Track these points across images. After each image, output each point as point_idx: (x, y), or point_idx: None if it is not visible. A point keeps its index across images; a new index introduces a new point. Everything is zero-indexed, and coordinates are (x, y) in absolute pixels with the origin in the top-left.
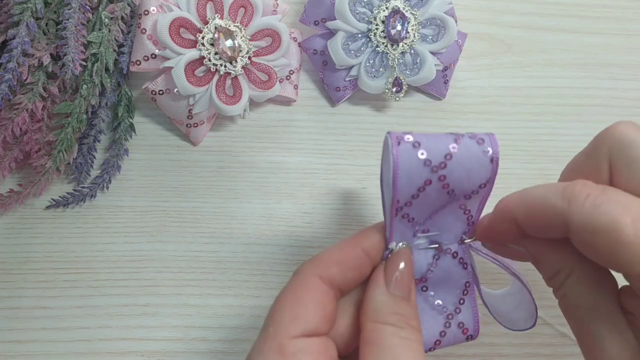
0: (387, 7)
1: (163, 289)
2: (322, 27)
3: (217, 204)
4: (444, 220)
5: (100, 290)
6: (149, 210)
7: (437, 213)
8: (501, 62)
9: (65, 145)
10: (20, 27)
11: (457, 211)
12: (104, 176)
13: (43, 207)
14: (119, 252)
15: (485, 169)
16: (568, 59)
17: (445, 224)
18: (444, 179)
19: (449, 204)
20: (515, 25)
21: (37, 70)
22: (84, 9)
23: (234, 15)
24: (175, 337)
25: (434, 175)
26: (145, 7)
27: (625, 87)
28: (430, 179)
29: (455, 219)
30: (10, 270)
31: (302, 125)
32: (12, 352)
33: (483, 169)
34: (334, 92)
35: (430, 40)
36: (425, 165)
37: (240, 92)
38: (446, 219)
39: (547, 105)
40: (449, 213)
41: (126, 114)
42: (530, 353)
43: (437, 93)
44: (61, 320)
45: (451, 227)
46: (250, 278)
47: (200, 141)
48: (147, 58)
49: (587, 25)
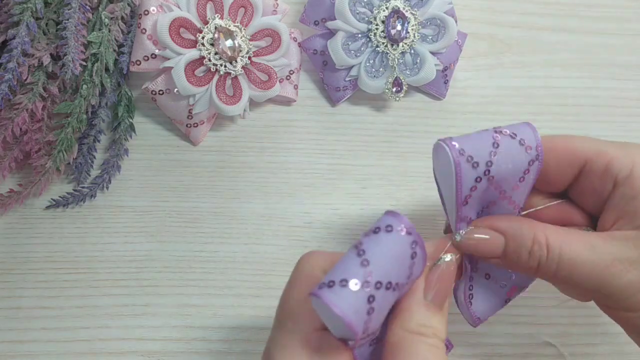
0: (387, 7)
1: (163, 289)
2: (322, 27)
3: (217, 204)
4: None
5: (100, 290)
6: (149, 210)
7: (488, 208)
8: (501, 62)
9: (65, 145)
10: (20, 27)
11: (504, 205)
12: (104, 176)
13: (43, 207)
14: (119, 252)
15: (524, 158)
16: (568, 59)
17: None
18: (489, 174)
19: (499, 199)
20: (515, 25)
21: (37, 70)
22: (84, 9)
23: (234, 15)
24: (175, 337)
25: (482, 174)
26: (145, 7)
27: (626, 87)
28: (479, 176)
29: (505, 211)
30: (10, 270)
31: (302, 125)
32: (12, 352)
33: (523, 158)
34: (334, 92)
35: (430, 40)
36: (474, 168)
37: (240, 92)
38: (497, 212)
39: (547, 105)
40: (498, 208)
41: (126, 114)
42: (530, 353)
43: (437, 93)
44: (61, 320)
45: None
46: (250, 278)
47: (200, 141)
48: (147, 58)
49: (587, 25)
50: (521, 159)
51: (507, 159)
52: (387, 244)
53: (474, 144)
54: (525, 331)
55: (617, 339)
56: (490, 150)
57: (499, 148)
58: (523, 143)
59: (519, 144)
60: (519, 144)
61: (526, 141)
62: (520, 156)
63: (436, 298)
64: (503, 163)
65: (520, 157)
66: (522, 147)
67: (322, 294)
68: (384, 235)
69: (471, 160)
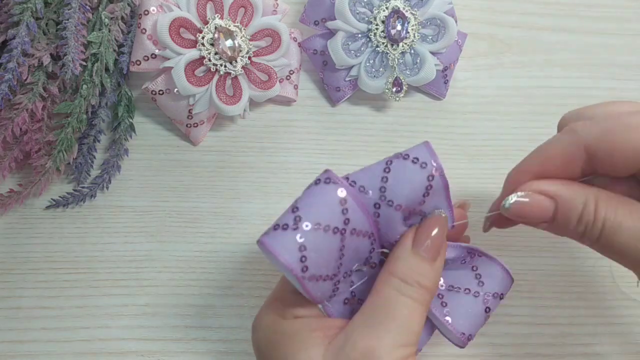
0: (387, 7)
1: (163, 289)
2: (322, 27)
3: (217, 204)
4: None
5: (100, 290)
6: (149, 210)
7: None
8: (501, 62)
9: (65, 145)
10: (20, 27)
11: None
12: (104, 176)
13: (43, 207)
14: (119, 252)
15: (422, 175)
16: (568, 59)
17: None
18: (386, 199)
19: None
20: (515, 25)
21: (37, 70)
22: (84, 9)
23: (234, 15)
24: (175, 337)
25: (378, 200)
26: (145, 7)
27: (625, 87)
28: (376, 202)
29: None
30: (10, 270)
31: (302, 125)
32: (12, 352)
33: (421, 175)
34: (334, 92)
35: (430, 40)
36: (367, 195)
37: (240, 92)
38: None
39: (547, 105)
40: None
41: (126, 114)
42: (530, 353)
43: (437, 93)
44: (61, 320)
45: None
46: (250, 278)
47: (200, 141)
48: (147, 58)
49: (587, 25)
50: (418, 176)
51: (402, 180)
52: (313, 193)
53: (365, 174)
54: (525, 331)
55: (617, 338)
56: (381, 176)
57: (391, 172)
58: (416, 161)
59: (412, 163)
60: (412, 163)
61: (420, 159)
62: (416, 174)
63: (425, 251)
64: (398, 185)
65: (416, 175)
66: (415, 165)
67: (261, 239)
68: (312, 187)
69: (363, 190)
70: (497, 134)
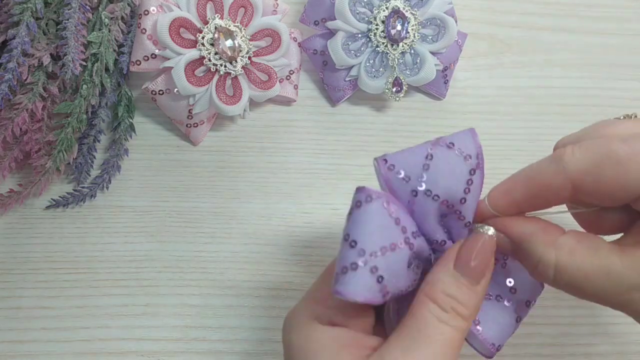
0: (387, 7)
1: (163, 289)
2: (322, 27)
3: (217, 204)
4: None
5: (100, 290)
6: (149, 210)
7: (443, 223)
8: (501, 62)
9: (65, 145)
10: (20, 27)
11: (454, 220)
12: (104, 176)
13: (43, 207)
14: (119, 252)
15: (464, 168)
16: (568, 59)
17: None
18: (424, 187)
19: (448, 213)
20: (515, 25)
21: (37, 70)
22: (84, 9)
23: (234, 15)
24: (175, 337)
25: (416, 188)
26: (145, 7)
27: (626, 87)
28: (414, 190)
29: (456, 227)
30: (10, 270)
31: (302, 125)
32: (12, 352)
33: (463, 168)
34: (334, 92)
35: (430, 40)
36: (405, 182)
37: (240, 92)
38: (451, 227)
39: (547, 105)
40: (449, 222)
41: (126, 114)
42: (530, 353)
43: (437, 93)
44: (61, 320)
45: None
46: (250, 278)
47: (200, 141)
48: (147, 58)
49: (587, 25)
50: (461, 169)
51: (444, 171)
52: (361, 219)
53: (406, 158)
54: (525, 331)
55: (617, 338)
56: (422, 163)
57: (433, 160)
58: (461, 152)
59: (457, 154)
60: (456, 154)
61: (464, 150)
62: (459, 167)
63: (466, 274)
64: (440, 175)
65: (460, 167)
66: (460, 157)
67: (337, 289)
68: (357, 212)
69: (401, 175)
70: (497, 134)
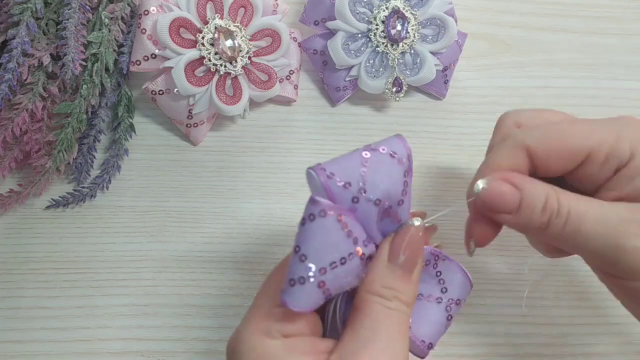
0: (387, 7)
1: (163, 289)
2: (322, 27)
3: (217, 204)
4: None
5: (100, 290)
6: (149, 210)
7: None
8: (501, 62)
9: (65, 145)
10: (20, 27)
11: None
12: (104, 176)
13: (43, 207)
14: (119, 252)
15: (399, 170)
16: (568, 59)
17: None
18: (365, 193)
19: (385, 216)
20: (515, 25)
21: (37, 70)
22: (84, 9)
23: (234, 15)
24: (175, 337)
25: (356, 193)
26: (145, 7)
27: (626, 87)
28: (355, 196)
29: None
30: (10, 270)
31: (302, 125)
32: (12, 352)
33: (398, 170)
34: (334, 92)
35: (430, 40)
36: (345, 189)
37: (240, 92)
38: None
39: (547, 105)
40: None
41: (126, 114)
42: (530, 353)
43: (437, 93)
44: (61, 320)
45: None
46: (250, 278)
47: (200, 141)
48: (147, 58)
49: (587, 25)
50: (397, 172)
51: (382, 175)
52: (313, 233)
53: (343, 165)
54: (525, 331)
55: (617, 338)
56: (360, 168)
57: (370, 165)
58: (394, 156)
59: (391, 158)
60: (390, 158)
61: (397, 153)
62: (395, 169)
63: (401, 265)
64: (379, 179)
65: (396, 170)
66: (394, 160)
67: (283, 299)
68: (309, 225)
69: (341, 182)
70: None
